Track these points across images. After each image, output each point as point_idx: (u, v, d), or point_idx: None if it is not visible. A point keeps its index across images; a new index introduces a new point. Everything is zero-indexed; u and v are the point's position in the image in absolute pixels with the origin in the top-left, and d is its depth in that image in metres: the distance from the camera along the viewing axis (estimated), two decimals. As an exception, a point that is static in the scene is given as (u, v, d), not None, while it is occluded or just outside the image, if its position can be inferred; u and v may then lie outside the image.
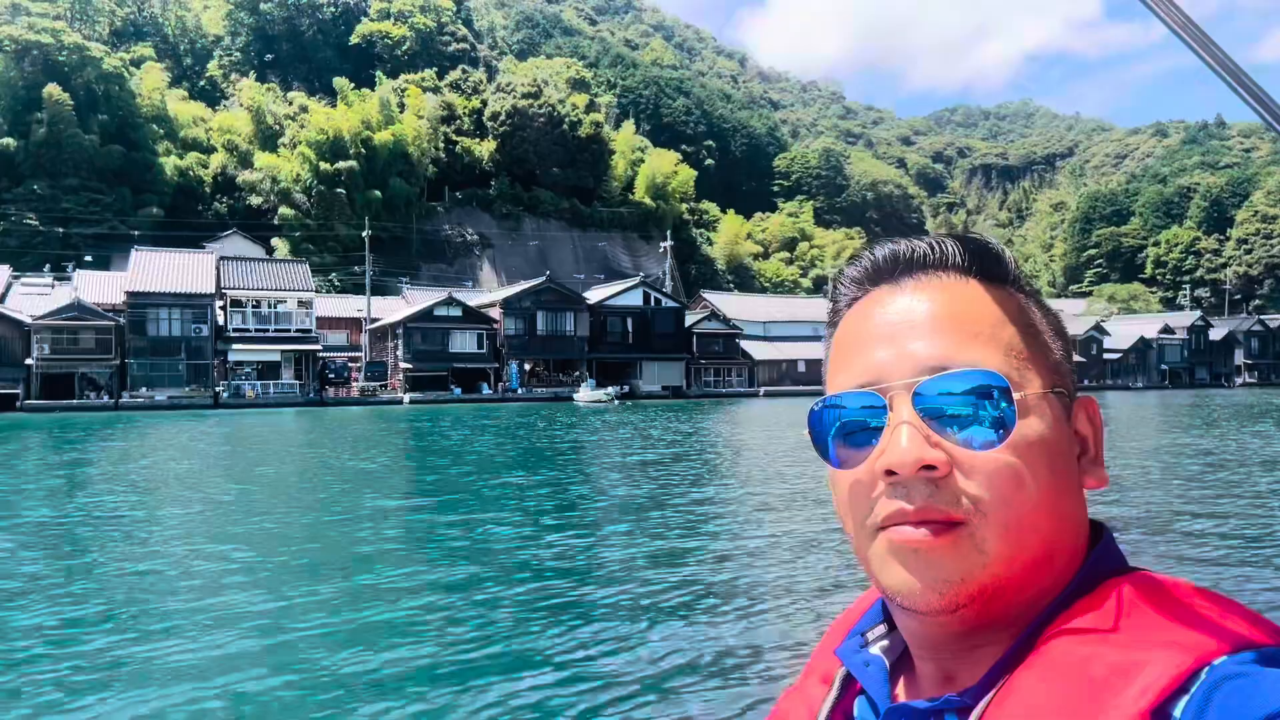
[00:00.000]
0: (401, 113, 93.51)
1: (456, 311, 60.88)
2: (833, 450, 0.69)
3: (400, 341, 59.58)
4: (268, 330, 55.98)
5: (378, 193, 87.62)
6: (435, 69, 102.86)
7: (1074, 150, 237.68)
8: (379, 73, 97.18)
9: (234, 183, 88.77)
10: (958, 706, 0.64)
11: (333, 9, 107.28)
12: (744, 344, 70.98)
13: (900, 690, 0.74)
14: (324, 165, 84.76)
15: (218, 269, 56.30)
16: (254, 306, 56.23)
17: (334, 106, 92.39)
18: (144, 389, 52.23)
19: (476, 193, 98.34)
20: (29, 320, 51.04)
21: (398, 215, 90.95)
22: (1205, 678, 0.55)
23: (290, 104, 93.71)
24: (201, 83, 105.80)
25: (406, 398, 56.62)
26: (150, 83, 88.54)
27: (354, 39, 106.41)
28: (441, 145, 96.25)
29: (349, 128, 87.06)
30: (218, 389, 53.36)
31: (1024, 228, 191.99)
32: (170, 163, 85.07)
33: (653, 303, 66.83)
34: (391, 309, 69.34)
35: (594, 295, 66.61)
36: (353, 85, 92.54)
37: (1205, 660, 0.56)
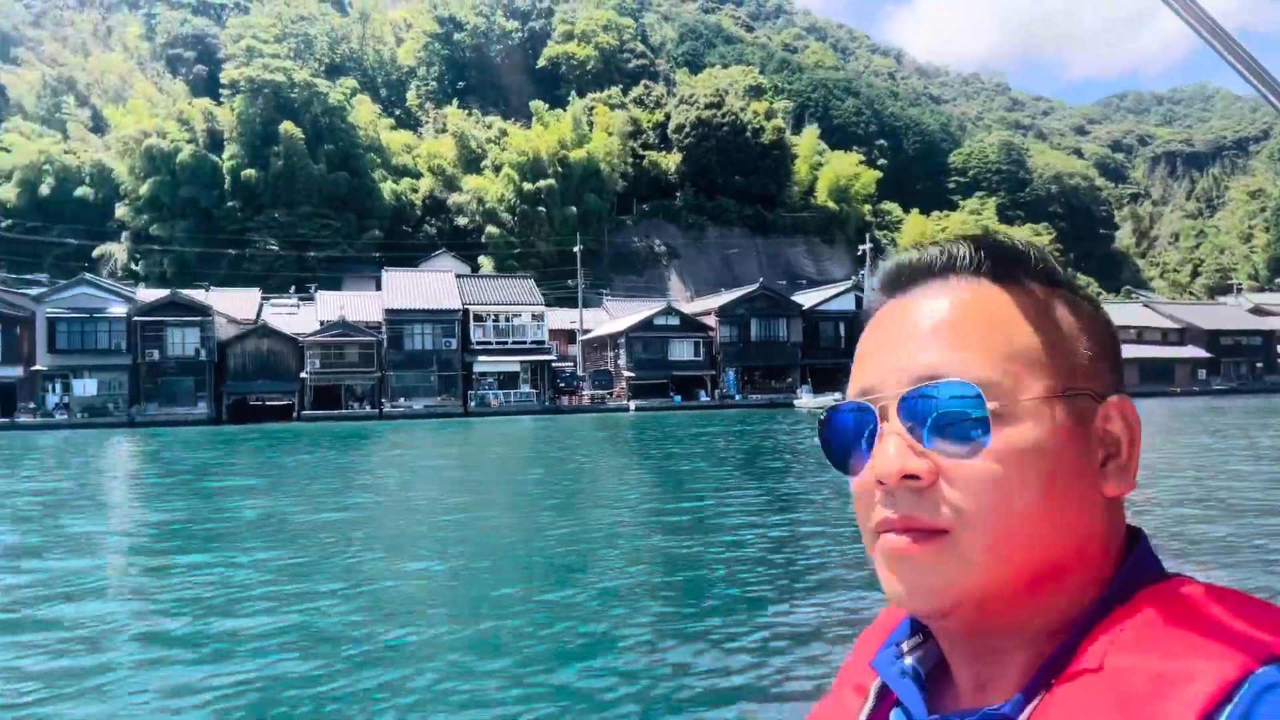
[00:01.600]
0: (591, 130, 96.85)
1: (674, 320, 62.54)
2: (834, 458, 0.71)
3: (622, 351, 61.73)
4: (506, 342, 59.29)
5: (574, 209, 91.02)
6: (620, 86, 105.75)
7: (1269, 133, 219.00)
8: (572, 93, 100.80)
9: (441, 205, 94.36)
10: (997, 718, 0.64)
11: (520, 34, 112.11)
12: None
13: (938, 701, 0.73)
14: (525, 185, 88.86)
15: (457, 286, 60.14)
16: (493, 320, 59.68)
17: (528, 128, 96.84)
18: (402, 399, 56.36)
19: (662, 204, 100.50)
20: (302, 337, 56.07)
21: (590, 230, 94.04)
22: (1249, 687, 0.54)
23: (490, 128, 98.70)
24: (398, 112, 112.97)
25: (632, 405, 58.57)
26: (364, 114, 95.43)
27: (541, 62, 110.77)
28: (629, 160, 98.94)
29: (546, 148, 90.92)
30: (467, 398, 56.98)
31: (1216, 217, 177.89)
32: (388, 188, 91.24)
33: (865, 306, 66.35)
34: (595, 320, 71.89)
35: (805, 300, 66.82)
36: (547, 106, 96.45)
37: (1249, 669, 0.55)
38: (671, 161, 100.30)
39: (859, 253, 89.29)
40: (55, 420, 50.67)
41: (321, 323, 59.13)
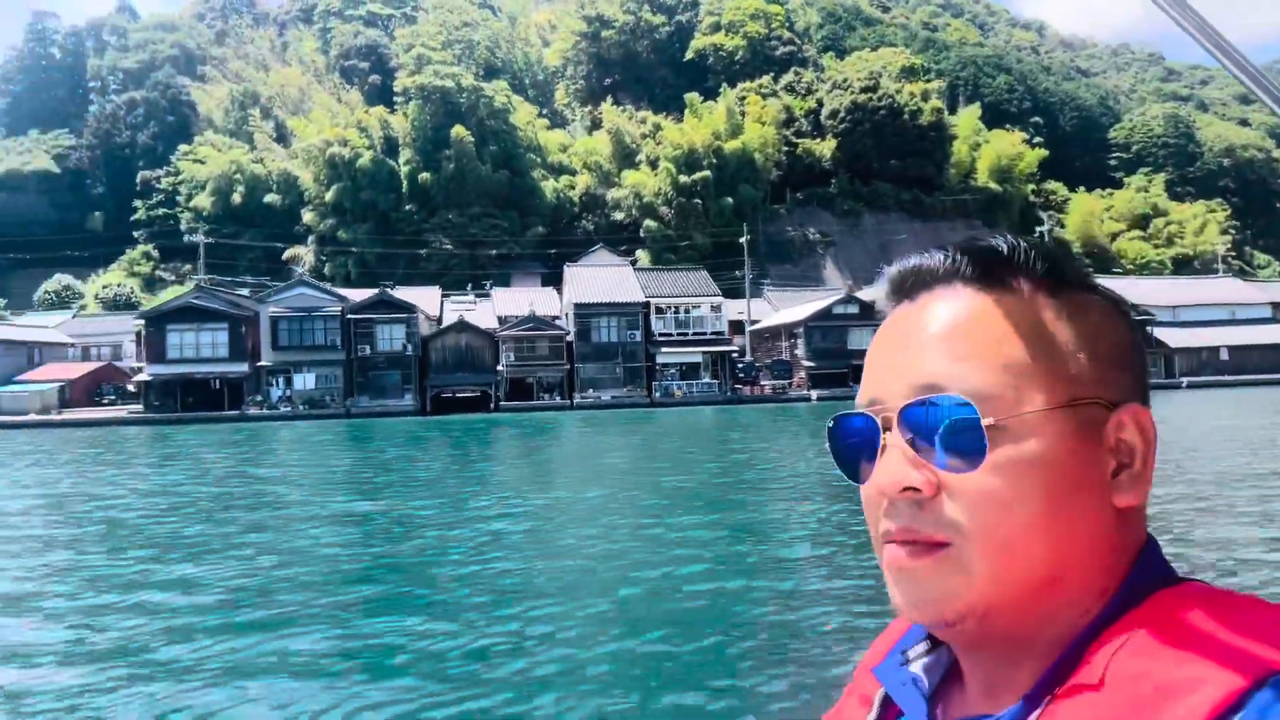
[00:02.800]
0: (744, 120, 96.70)
1: (854, 309, 61.84)
2: (842, 467, 0.71)
3: (800, 340, 61.56)
4: (687, 334, 60.09)
5: (729, 199, 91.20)
6: (771, 74, 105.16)
7: None
8: (723, 84, 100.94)
9: (596, 201, 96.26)
10: None
11: (667, 28, 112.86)
12: (1154, 331, 66.11)
13: (942, 711, 0.73)
14: (682, 178, 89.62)
15: (638, 279, 61.31)
16: (673, 312, 60.59)
17: (678, 121, 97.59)
18: (590, 390, 57.96)
19: (816, 191, 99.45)
20: (496, 332, 58.40)
21: (745, 220, 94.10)
22: (1258, 697, 0.53)
23: (643, 123, 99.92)
24: (545, 111, 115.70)
25: (814, 394, 58.36)
26: (523, 116, 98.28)
27: (688, 55, 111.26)
28: (782, 148, 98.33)
29: (701, 140, 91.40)
30: (651, 388, 58.11)
31: None
32: (549, 186, 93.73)
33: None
34: (758, 311, 71.82)
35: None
36: (701, 99, 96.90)
37: (1260, 676, 0.54)
38: (826, 148, 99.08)
39: (1037, 234, 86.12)
40: (280, 412, 54.48)
41: (500, 318, 61.52)
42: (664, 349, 59.11)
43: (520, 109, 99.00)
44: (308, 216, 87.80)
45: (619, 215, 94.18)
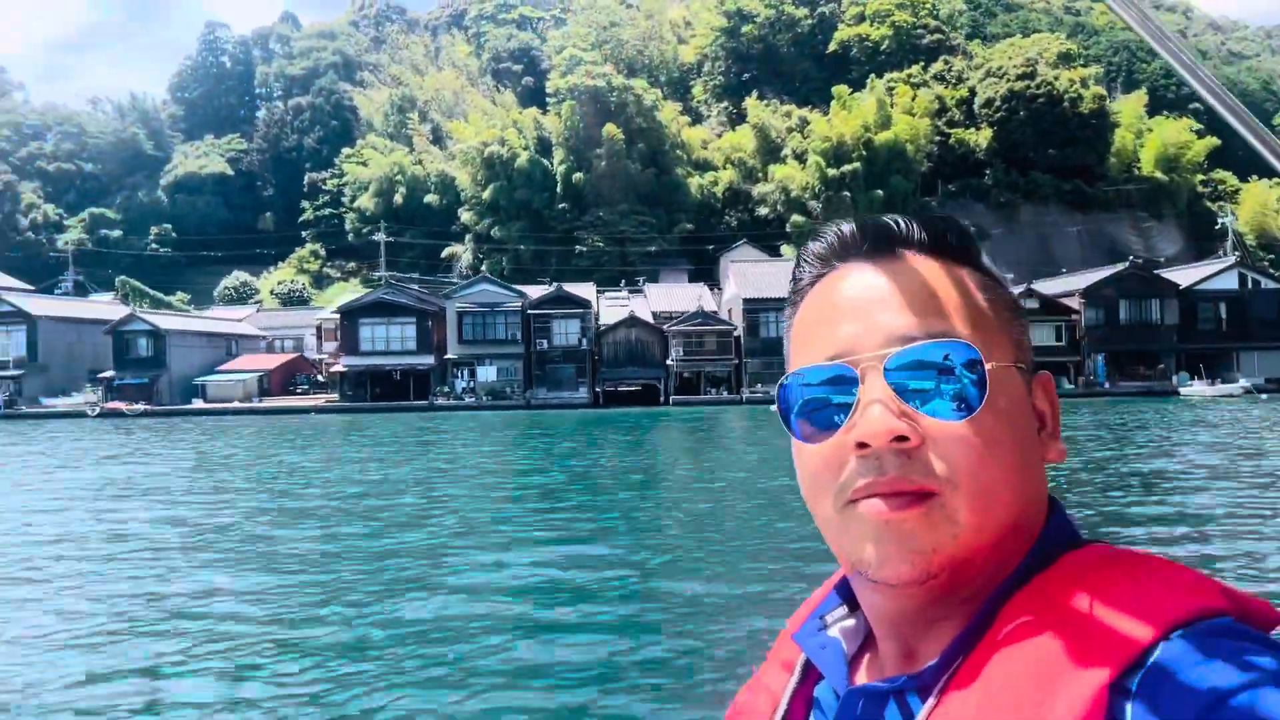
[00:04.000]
0: (893, 111, 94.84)
1: (1034, 304, 59.96)
2: (798, 425, 0.69)
3: (976, 336, 60.14)
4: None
5: (880, 192, 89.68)
6: (920, 63, 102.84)
7: None
8: (870, 75, 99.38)
9: (740, 196, 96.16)
10: (918, 685, 0.64)
11: (810, 21, 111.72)
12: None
13: (861, 674, 0.73)
14: (830, 171, 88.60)
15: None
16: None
17: (822, 114, 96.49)
18: (759, 385, 58.02)
19: (970, 183, 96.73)
20: (668, 327, 59.14)
21: (895, 213, 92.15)
22: (1162, 651, 0.55)
23: (789, 117, 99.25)
24: (683, 108, 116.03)
25: (992, 392, 56.85)
26: (668, 113, 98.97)
27: (831, 47, 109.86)
28: (934, 139, 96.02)
29: (851, 132, 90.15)
30: (823, 385, 57.77)
31: None
32: (693, 183, 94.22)
33: (1249, 285, 60.49)
34: None
35: (1180, 278, 61.86)
36: (850, 91, 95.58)
37: (1162, 632, 0.56)
38: (981, 138, 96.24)
39: (1217, 225, 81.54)
40: (465, 403, 56.64)
41: (654, 314, 62.17)
42: (834, 345, 58.63)
43: (666, 108, 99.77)
44: (465, 216, 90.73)
45: (764, 210, 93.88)
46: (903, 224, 0.72)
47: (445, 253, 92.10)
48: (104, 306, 72.04)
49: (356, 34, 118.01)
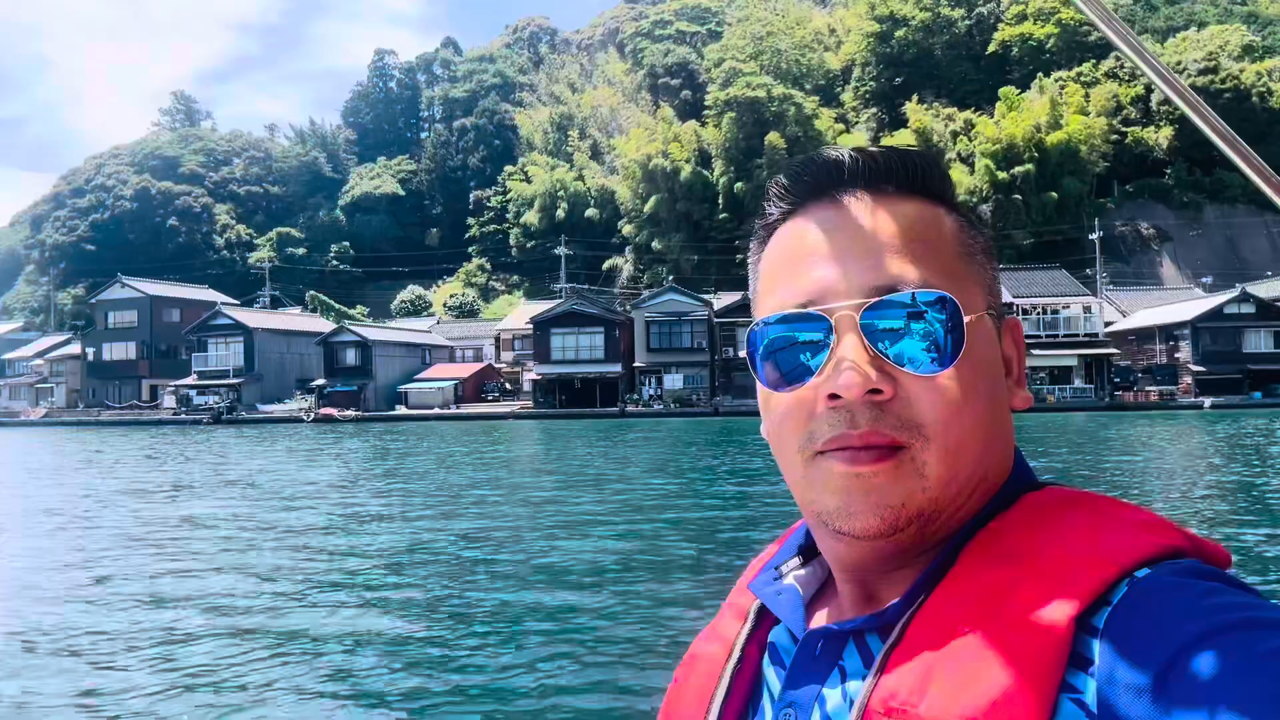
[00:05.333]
0: (1063, 111, 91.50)
1: (1249, 308, 56.68)
2: (765, 370, 0.67)
3: (1185, 343, 57.20)
4: (1056, 335, 57.58)
5: (1053, 194, 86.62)
6: (1090, 60, 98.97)
7: None
8: (1038, 75, 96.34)
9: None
10: (878, 625, 0.63)
11: (967, 22, 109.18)
12: None
13: (819, 618, 0.73)
14: (1000, 174, 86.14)
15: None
16: (1039, 313, 58.29)
17: (988, 116, 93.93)
18: (953, 393, 56.97)
19: (1148, 183, 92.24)
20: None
21: (1067, 216, 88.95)
22: (1128, 588, 0.54)
23: (951, 120, 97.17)
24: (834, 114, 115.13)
25: (1206, 401, 53.90)
26: (824, 121, 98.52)
27: (991, 47, 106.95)
28: (1109, 138, 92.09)
29: (1020, 133, 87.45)
30: (1021, 393, 56.15)
31: None
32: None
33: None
34: (1104, 312, 67.39)
35: None
36: (1018, 91, 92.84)
37: (1127, 569, 0.55)
38: (1162, 136, 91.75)
39: None
40: (653, 410, 57.74)
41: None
42: (1033, 351, 56.90)
43: (823, 116, 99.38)
44: (626, 228, 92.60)
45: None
46: (881, 159, 0.68)
47: (606, 264, 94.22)
48: (310, 319, 77.01)
49: (513, 56, 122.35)
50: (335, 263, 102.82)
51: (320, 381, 64.43)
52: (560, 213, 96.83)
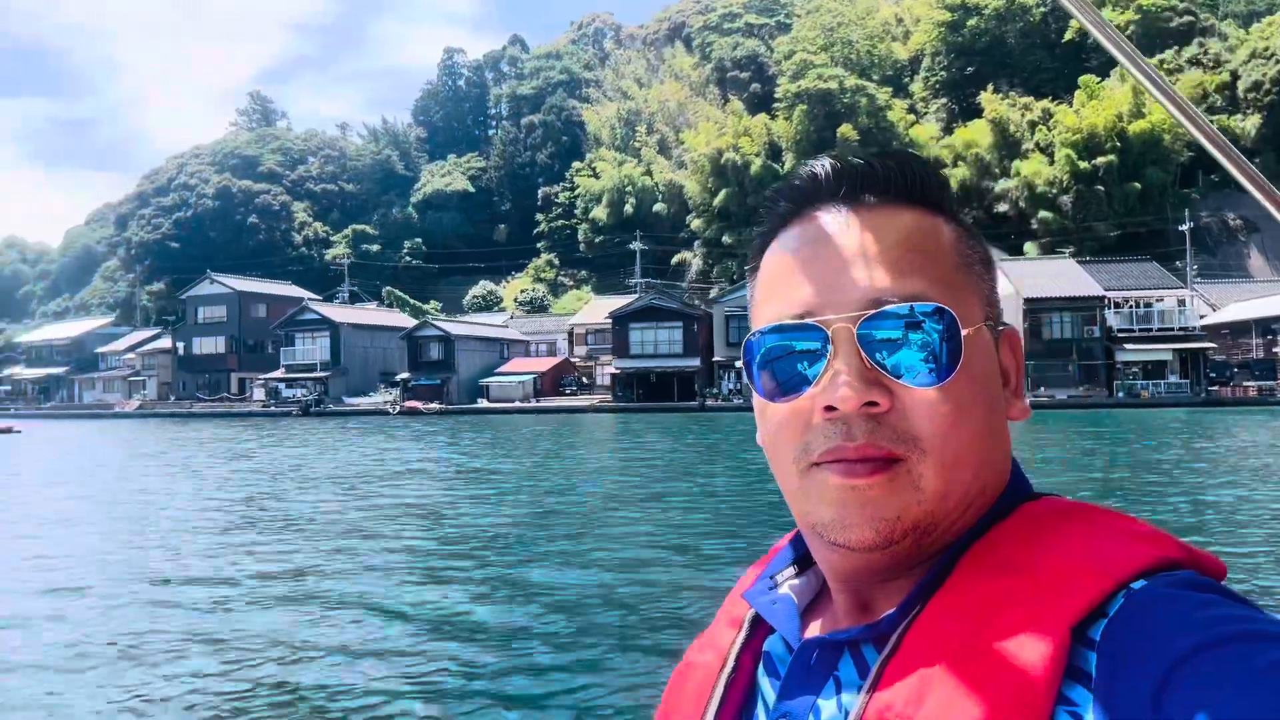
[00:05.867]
0: (1144, 98, 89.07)
1: (1364, 303, 54.77)
2: (762, 381, 0.67)
3: (1288, 337, 55.42)
4: (1151, 329, 56.25)
5: (1136, 184, 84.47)
6: (1173, 47, 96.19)
7: None
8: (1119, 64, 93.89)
9: (972, 194, 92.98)
10: (874, 636, 0.63)
11: (1041, 9, 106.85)
12: None
13: (814, 628, 0.72)
14: (1082, 164, 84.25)
15: (1085, 271, 58.31)
16: (1131, 306, 56.98)
17: (1067, 105, 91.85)
18: (1041, 388, 55.90)
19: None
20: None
21: (1151, 206, 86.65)
22: (1125, 600, 0.54)
23: (1028, 110, 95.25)
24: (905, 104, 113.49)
25: (1309, 397, 52.19)
26: (896, 112, 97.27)
27: (1068, 35, 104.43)
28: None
29: (1102, 123, 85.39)
30: (1112, 388, 55.02)
31: None
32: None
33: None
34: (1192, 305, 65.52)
35: None
36: (1098, 80, 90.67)
37: (1123, 581, 0.55)
38: (1249, 125, 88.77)
39: None
40: (732, 404, 57.76)
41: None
42: (1126, 345, 55.67)
43: (895, 106, 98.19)
44: (695, 223, 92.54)
45: (1003, 207, 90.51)
46: (879, 167, 0.68)
47: (675, 259, 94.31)
48: (392, 314, 78.62)
49: (579, 52, 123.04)
50: (408, 258, 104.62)
51: (404, 375, 65.75)
52: (629, 208, 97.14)
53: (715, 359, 59.83)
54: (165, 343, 79.75)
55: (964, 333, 0.63)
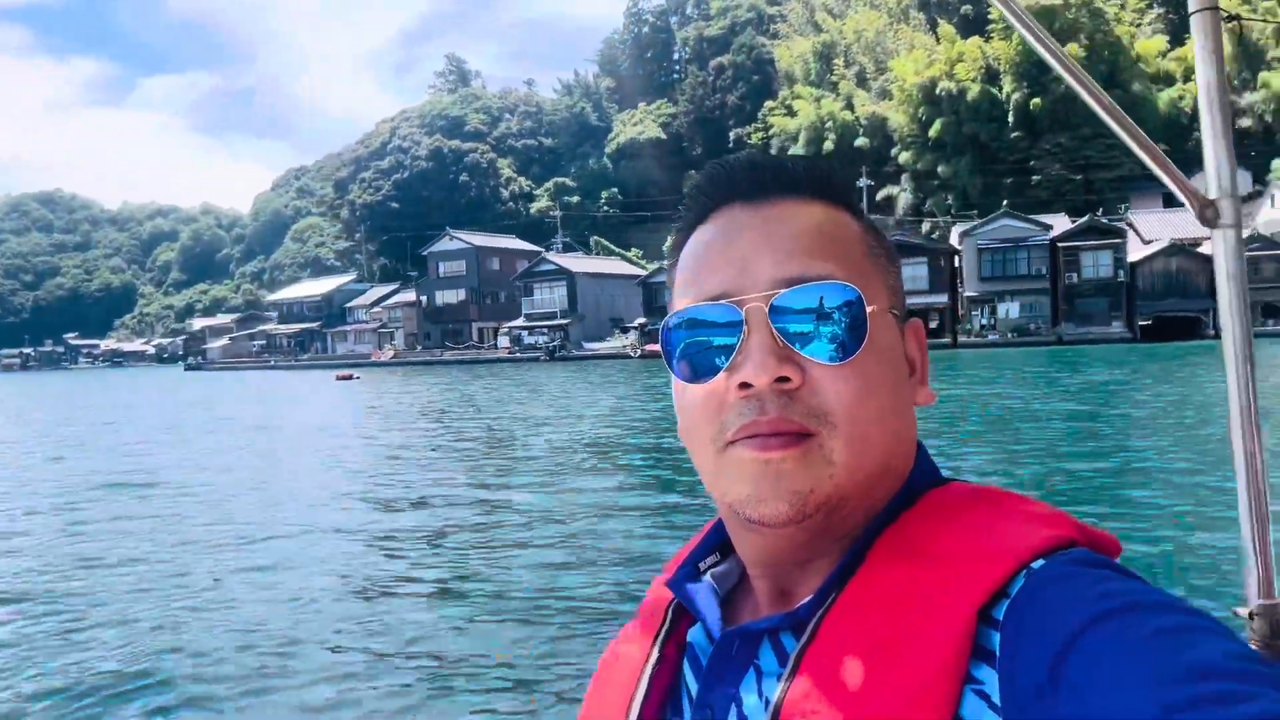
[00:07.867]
0: None
1: None
2: (679, 365, 0.70)
3: None
4: None
5: None
6: None
7: None
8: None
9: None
10: (792, 623, 0.64)
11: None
12: None
13: (736, 616, 0.74)
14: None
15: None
16: None
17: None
18: (1335, 314, 52.11)
19: None
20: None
21: None
22: (1025, 580, 0.56)
23: (1273, 16, 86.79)
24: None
25: None
26: (1123, 29, 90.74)
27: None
28: None
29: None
30: None
31: None
32: (1163, 97, 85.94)
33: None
34: None
35: None
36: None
37: (1024, 562, 0.57)
38: None
39: None
40: (986, 340, 56.76)
41: (1147, 242, 57.42)
42: None
43: (1122, 18, 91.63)
44: (903, 156, 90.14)
45: (1246, 122, 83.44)
46: (787, 166, 0.72)
47: (880, 195, 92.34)
48: (616, 263, 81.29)
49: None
50: (606, 208, 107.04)
51: (641, 320, 68.00)
52: (829, 144, 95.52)
53: (967, 294, 58.80)
54: (409, 296, 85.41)
55: (869, 309, 0.66)
